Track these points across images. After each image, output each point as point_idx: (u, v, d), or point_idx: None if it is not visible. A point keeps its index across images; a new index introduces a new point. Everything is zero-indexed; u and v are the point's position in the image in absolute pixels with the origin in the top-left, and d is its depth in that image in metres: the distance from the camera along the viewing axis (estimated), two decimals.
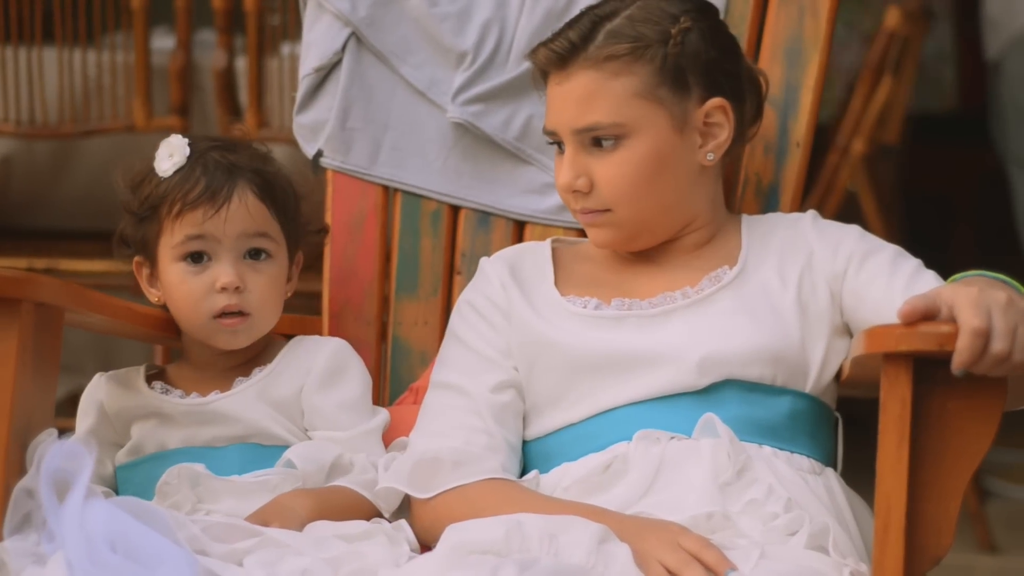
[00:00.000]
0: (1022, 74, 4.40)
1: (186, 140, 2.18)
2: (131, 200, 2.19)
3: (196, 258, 2.16)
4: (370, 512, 2.10)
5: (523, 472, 2.13)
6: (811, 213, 2.22)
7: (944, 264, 2.13)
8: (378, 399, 2.32)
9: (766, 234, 2.19)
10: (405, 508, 2.12)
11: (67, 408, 2.97)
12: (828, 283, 2.12)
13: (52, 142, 3.85)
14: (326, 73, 2.48)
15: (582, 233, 2.38)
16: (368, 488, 2.11)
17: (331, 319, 2.43)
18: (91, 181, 3.70)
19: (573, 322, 2.13)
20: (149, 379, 2.22)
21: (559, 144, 2.15)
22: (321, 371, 2.20)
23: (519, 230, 2.45)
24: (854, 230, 2.18)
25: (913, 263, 2.11)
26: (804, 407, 2.08)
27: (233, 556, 1.90)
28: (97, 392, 2.22)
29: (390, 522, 2.08)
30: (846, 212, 3.76)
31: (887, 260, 2.11)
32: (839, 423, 2.14)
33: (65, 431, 2.01)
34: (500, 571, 1.76)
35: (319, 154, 2.47)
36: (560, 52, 2.12)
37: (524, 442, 2.15)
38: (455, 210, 2.46)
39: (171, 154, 2.17)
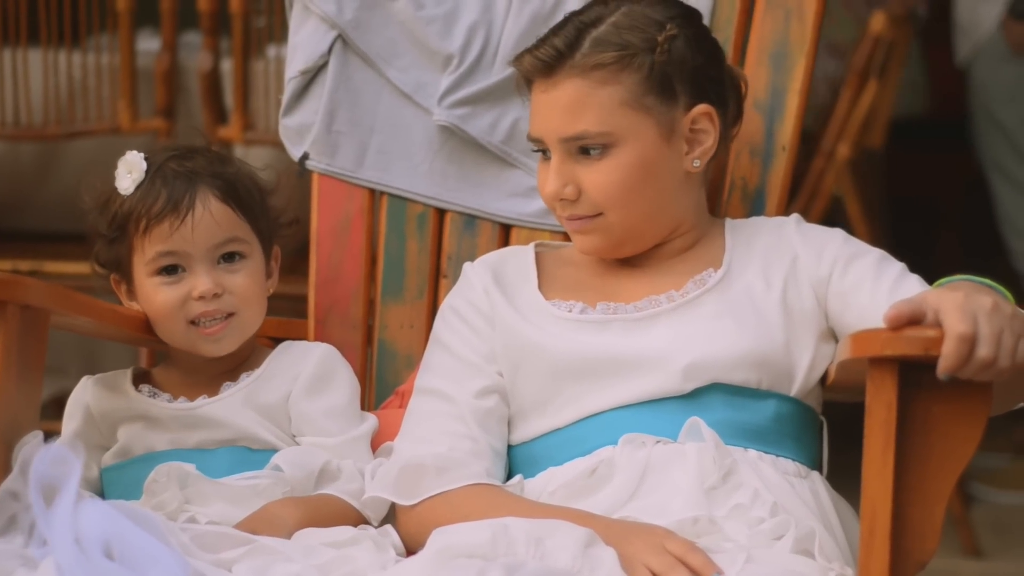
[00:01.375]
0: (987, 80, 4.43)
1: (142, 155, 2.18)
2: (99, 222, 2.20)
3: (170, 270, 2.16)
4: (357, 520, 2.10)
5: (508, 477, 2.13)
6: (795, 217, 2.22)
7: (929, 269, 2.14)
8: (364, 403, 2.31)
9: (750, 238, 2.19)
10: (391, 515, 2.12)
11: (51, 410, 2.95)
12: (813, 287, 2.12)
13: (37, 144, 3.85)
14: (312, 76, 2.48)
15: (568, 237, 2.39)
16: (355, 497, 2.11)
17: (316, 322, 2.42)
18: (76, 183, 3.68)
19: (558, 326, 2.13)
20: (136, 382, 2.22)
21: (544, 151, 2.15)
22: (308, 377, 2.20)
23: (505, 233, 2.45)
24: (838, 234, 2.18)
25: (897, 267, 2.11)
26: (789, 410, 2.08)
27: (222, 564, 1.90)
28: (84, 395, 2.22)
29: (376, 528, 2.08)
30: (831, 217, 3.76)
31: (871, 264, 2.11)
32: (824, 427, 2.14)
33: (49, 433, 2.01)
34: (486, 574, 1.76)
35: (305, 157, 2.46)
36: (546, 60, 2.11)
37: (509, 447, 2.15)
38: (441, 213, 2.46)
39: (129, 171, 2.17)
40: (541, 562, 1.81)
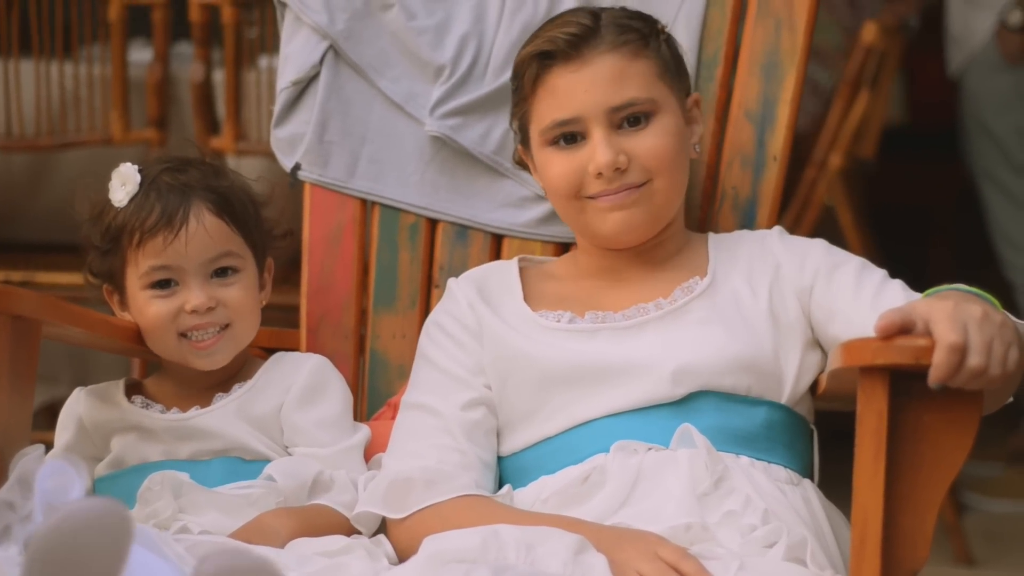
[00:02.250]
0: (980, 91, 4.44)
1: (136, 167, 2.18)
2: (93, 234, 2.20)
3: (163, 284, 2.16)
4: (350, 531, 2.10)
5: (499, 488, 2.13)
6: (777, 229, 2.23)
7: (922, 279, 2.14)
8: (356, 413, 2.31)
9: (732, 248, 2.21)
10: (384, 527, 2.11)
11: (43, 419, 2.94)
12: (797, 296, 2.13)
13: (29, 155, 3.85)
14: (304, 86, 2.48)
15: (559, 249, 2.39)
16: (348, 508, 2.11)
17: (308, 332, 2.42)
18: (68, 194, 3.68)
19: (547, 335, 2.13)
20: (129, 393, 2.22)
21: (566, 137, 2.15)
22: (301, 388, 2.20)
23: (497, 244, 2.45)
24: (819, 244, 2.19)
25: (879, 274, 2.12)
26: (780, 418, 2.09)
27: None
28: (76, 406, 2.22)
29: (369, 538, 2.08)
30: (823, 227, 3.77)
31: (853, 272, 2.12)
32: (815, 435, 2.14)
33: (41, 444, 2.01)
34: (472, 574, 1.76)
35: (297, 167, 2.46)
36: (578, 33, 2.14)
37: (500, 458, 2.15)
38: (433, 223, 2.46)
39: (123, 183, 2.17)
40: (531, 567, 1.81)
